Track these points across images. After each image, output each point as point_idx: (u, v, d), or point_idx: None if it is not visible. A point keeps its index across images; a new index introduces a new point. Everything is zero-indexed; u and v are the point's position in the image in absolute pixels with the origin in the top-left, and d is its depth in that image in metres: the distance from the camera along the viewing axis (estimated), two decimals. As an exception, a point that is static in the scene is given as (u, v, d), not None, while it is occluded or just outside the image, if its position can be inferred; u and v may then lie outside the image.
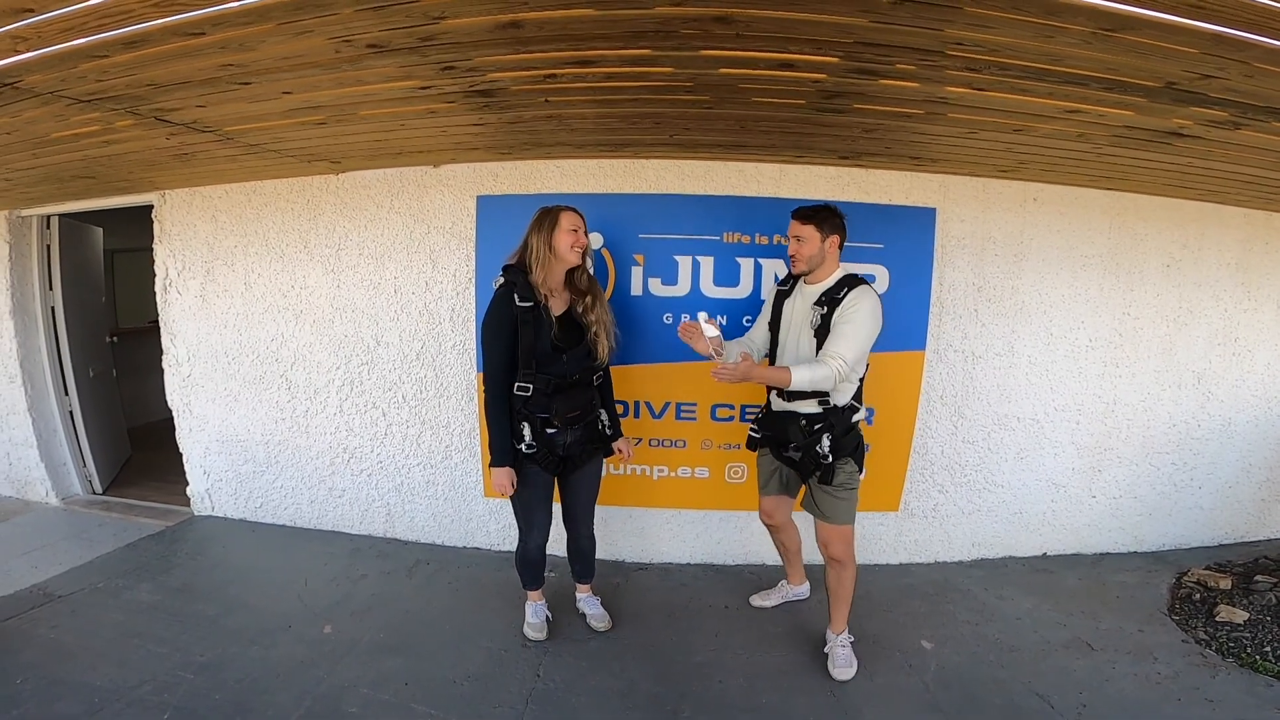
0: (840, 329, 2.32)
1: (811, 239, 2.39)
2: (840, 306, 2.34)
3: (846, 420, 2.44)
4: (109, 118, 2.18)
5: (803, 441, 2.47)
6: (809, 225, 2.39)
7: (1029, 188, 3.13)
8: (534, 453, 2.42)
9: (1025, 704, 2.36)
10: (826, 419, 2.43)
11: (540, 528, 2.59)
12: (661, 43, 1.71)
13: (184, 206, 3.52)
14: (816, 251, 2.40)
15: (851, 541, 2.52)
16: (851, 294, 2.35)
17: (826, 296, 2.39)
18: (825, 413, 2.43)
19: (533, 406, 2.40)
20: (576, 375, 2.44)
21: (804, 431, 2.47)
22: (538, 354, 2.35)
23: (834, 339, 2.32)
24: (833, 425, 2.42)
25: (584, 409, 2.50)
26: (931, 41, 1.60)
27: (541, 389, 2.38)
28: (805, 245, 2.41)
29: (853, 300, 2.34)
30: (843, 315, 2.33)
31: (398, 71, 1.87)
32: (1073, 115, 2.05)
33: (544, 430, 2.44)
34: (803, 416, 2.47)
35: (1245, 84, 1.70)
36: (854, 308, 2.33)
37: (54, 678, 2.37)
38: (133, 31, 1.52)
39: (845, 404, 2.44)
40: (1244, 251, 3.34)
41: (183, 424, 3.76)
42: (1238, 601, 2.97)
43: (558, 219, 2.35)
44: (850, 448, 2.46)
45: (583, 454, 2.56)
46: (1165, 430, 3.47)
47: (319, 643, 2.66)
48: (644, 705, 2.35)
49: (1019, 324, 3.25)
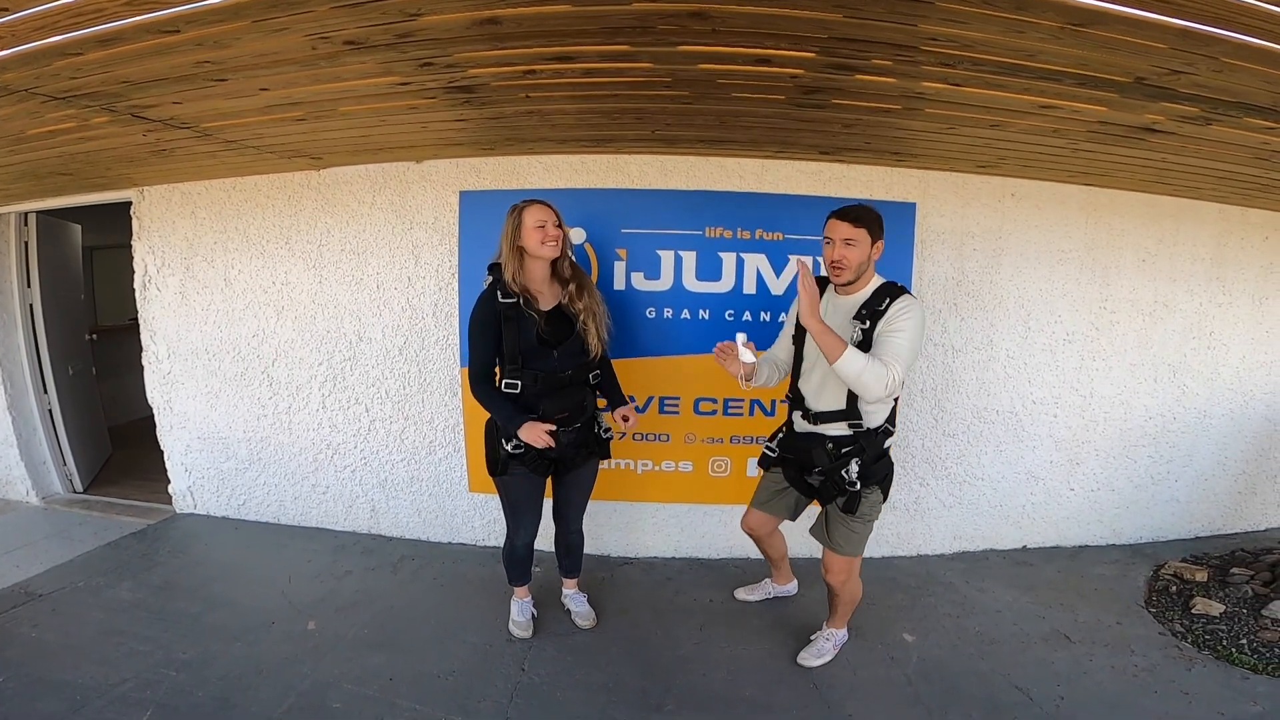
0: (890, 340, 2.07)
1: (863, 244, 2.15)
2: (885, 318, 2.10)
3: (879, 445, 2.25)
4: (84, 114, 2.15)
5: (828, 466, 2.27)
6: (861, 228, 2.13)
7: (1007, 183, 3.16)
8: (521, 454, 2.37)
9: (1005, 696, 2.38)
10: (856, 442, 2.23)
11: (527, 528, 2.56)
12: (639, 38, 1.72)
13: (163, 203, 3.49)
14: (865, 258, 2.17)
15: (854, 572, 2.41)
16: (897, 304, 2.11)
17: (868, 310, 2.15)
18: (855, 436, 2.24)
19: (521, 406, 2.35)
20: (569, 372, 2.38)
21: (830, 455, 2.26)
22: (523, 349, 2.31)
23: (884, 350, 2.07)
24: (863, 449, 2.23)
25: (575, 410, 2.41)
26: (906, 37, 1.61)
27: (530, 386, 2.33)
28: (856, 250, 2.14)
29: (902, 310, 2.10)
30: (890, 325, 2.09)
31: (376, 68, 1.87)
32: (1047, 110, 2.07)
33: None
34: (829, 439, 2.27)
35: (1215, 79, 1.72)
36: (904, 317, 2.09)
37: (36, 676, 2.35)
38: (106, 29, 1.51)
39: (879, 426, 2.25)
40: (1218, 246, 3.39)
41: (163, 421, 3.74)
42: (1214, 594, 3.00)
43: (521, 218, 2.29)
44: (879, 475, 2.27)
45: (577, 457, 2.50)
46: (1142, 423, 3.52)
47: (303, 639, 2.65)
48: (628, 699, 2.36)
49: (997, 318, 3.29)
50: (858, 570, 2.43)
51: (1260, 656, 2.56)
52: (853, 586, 2.47)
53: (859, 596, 2.54)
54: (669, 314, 3.15)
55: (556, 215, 2.34)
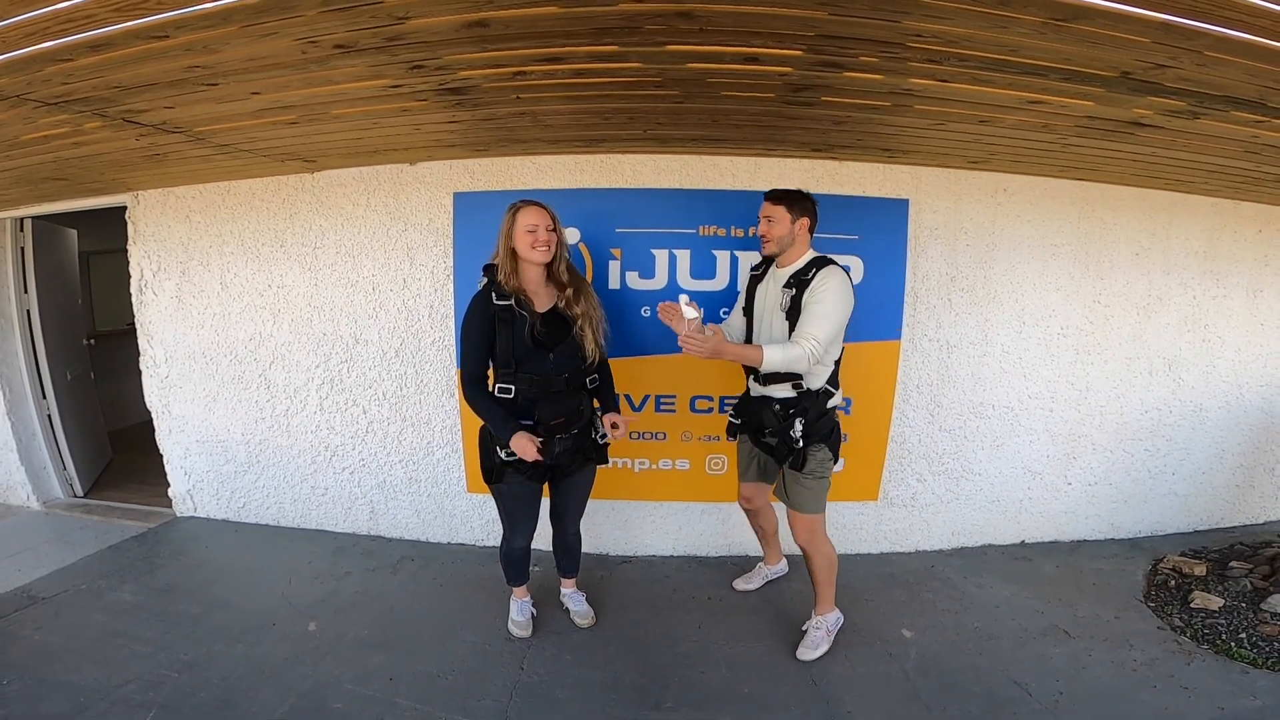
0: (811, 309, 2.32)
1: (781, 220, 2.41)
2: (810, 287, 2.34)
3: (821, 405, 2.45)
4: (77, 120, 2.17)
5: (777, 426, 2.46)
6: (779, 206, 2.42)
7: (999, 179, 3.17)
8: (516, 461, 2.31)
9: (1004, 692, 2.38)
10: (800, 403, 2.43)
11: (524, 532, 2.54)
12: (627, 38, 1.73)
13: (158, 207, 3.50)
14: (786, 232, 2.42)
15: (816, 529, 2.53)
16: (820, 274, 2.35)
17: (795, 278, 2.40)
18: (799, 397, 2.44)
19: (516, 412, 2.30)
20: (565, 376, 2.33)
21: (778, 416, 2.47)
22: (516, 353, 2.26)
23: (805, 319, 2.32)
24: (806, 409, 2.42)
25: (571, 415, 2.33)
26: (891, 34, 1.62)
27: (524, 391, 2.29)
28: (775, 226, 2.43)
29: (822, 280, 2.33)
30: (813, 295, 2.33)
31: (367, 71, 1.88)
32: (1035, 106, 2.08)
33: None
34: (776, 401, 2.48)
35: (1199, 73, 1.73)
36: (824, 287, 2.32)
37: (39, 678, 2.37)
38: (96, 35, 1.52)
39: (819, 388, 2.44)
40: (1211, 240, 3.39)
41: (162, 425, 3.75)
42: (1213, 588, 2.99)
43: (515, 220, 2.28)
44: (824, 433, 2.46)
45: (573, 464, 2.46)
46: (1138, 417, 3.52)
47: (303, 640, 2.66)
48: (627, 697, 2.37)
49: (992, 313, 3.29)
50: (821, 529, 2.55)
51: (1260, 651, 2.56)
52: (823, 546, 2.56)
53: (833, 560, 2.60)
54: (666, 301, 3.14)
55: (551, 219, 2.31)
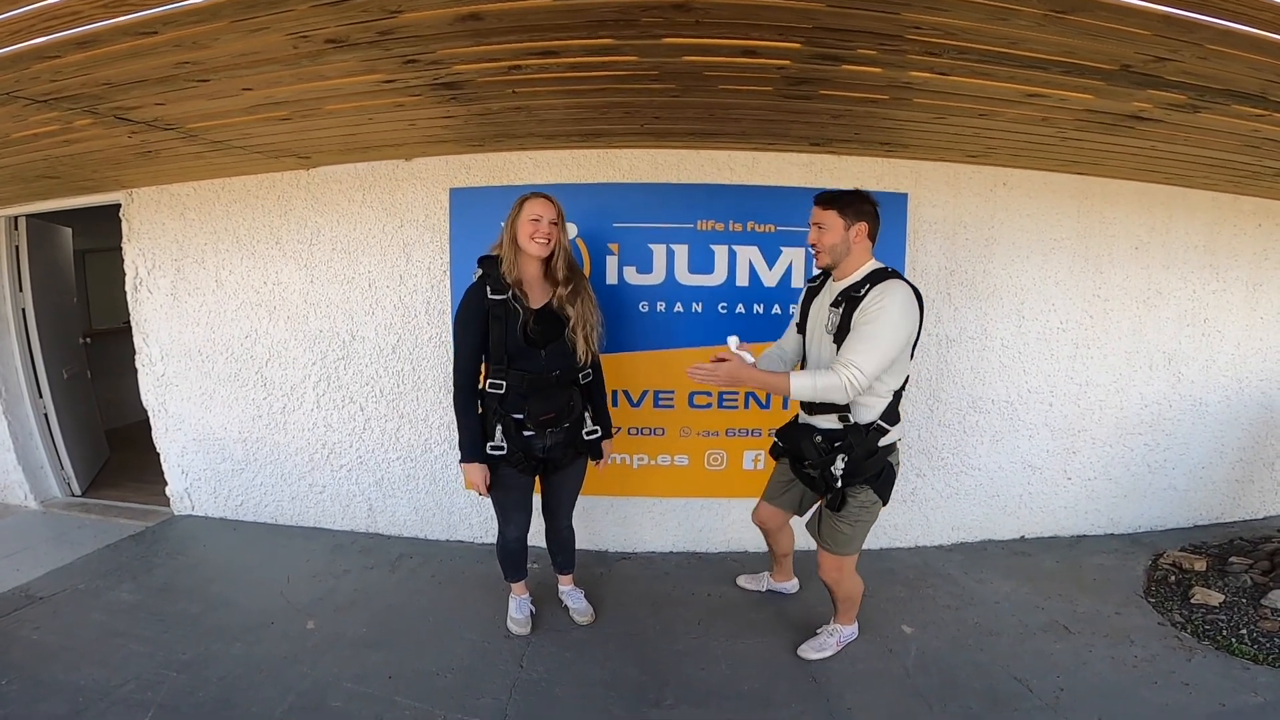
0: (859, 331, 2.03)
1: (834, 226, 2.13)
2: (860, 306, 2.05)
3: (870, 443, 2.17)
4: (67, 117, 2.15)
5: (817, 460, 2.24)
6: (830, 211, 2.14)
7: (999, 173, 3.16)
8: (505, 454, 2.33)
9: (1004, 688, 2.38)
10: (845, 437, 2.18)
11: (517, 524, 2.54)
12: (623, 31, 1.71)
13: (152, 205, 3.48)
14: (840, 241, 2.13)
15: (845, 569, 2.37)
16: (875, 290, 2.04)
17: (844, 295, 2.12)
18: (844, 430, 2.18)
19: (507, 406, 2.31)
20: (556, 373, 2.32)
21: (819, 449, 2.23)
22: (509, 348, 2.26)
23: (850, 343, 2.04)
24: (851, 446, 2.17)
25: (561, 411, 2.34)
26: (890, 26, 1.60)
27: (515, 387, 2.29)
28: (826, 234, 2.14)
29: (876, 298, 2.03)
30: (863, 315, 2.04)
31: (360, 66, 1.86)
32: (1035, 99, 2.07)
33: (519, 432, 2.34)
34: (819, 432, 2.24)
35: (1200, 66, 1.72)
36: (877, 306, 2.02)
37: (37, 678, 2.35)
38: (83, 32, 1.50)
39: (869, 422, 2.16)
40: (1211, 234, 3.38)
41: (159, 424, 3.73)
42: (1213, 583, 2.99)
43: (520, 207, 2.27)
44: (870, 473, 2.20)
45: (564, 457, 2.46)
46: (1138, 411, 3.52)
47: (302, 639, 2.66)
48: (627, 694, 2.36)
49: (991, 307, 3.28)
50: (851, 569, 2.40)
51: (1260, 647, 2.55)
52: (847, 585, 2.44)
53: (858, 594, 2.51)
54: (662, 308, 3.15)
55: (556, 212, 2.29)
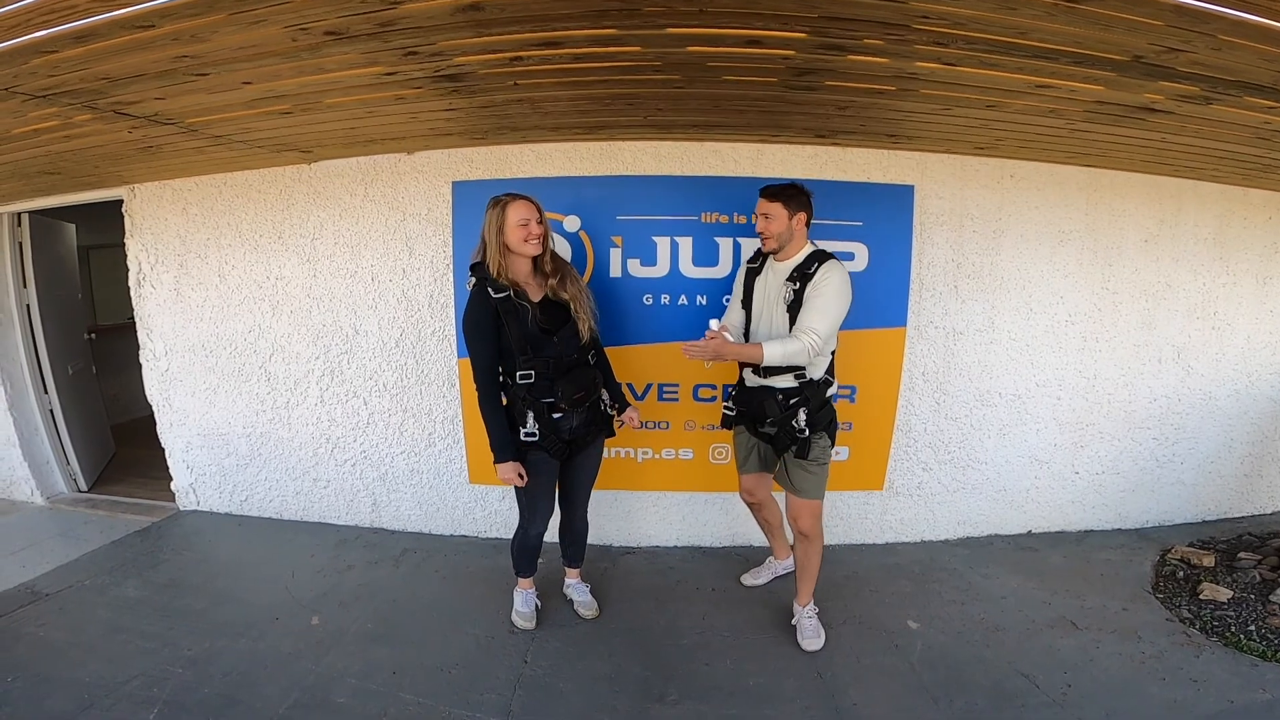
0: (812, 303, 2.36)
1: (779, 216, 2.42)
2: (812, 281, 2.38)
3: (822, 394, 2.50)
4: (67, 112, 2.13)
5: (779, 416, 2.50)
6: (776, 203, 2.43)
7: (1006, 165, 3.12)
8: (538, 440, 2.40)
9: (1011, 684, 2.37)
10: (802, 393, 2.47)
11: (544, 516, 2.59)
12: (626, 21, 1.68)
13: (154, 200, 3.47)
14: (784, 229, 2.43)
15: (820, 516, 2.58)
16: (822, 269, 2.39)
17: (798, 272, 2.43)
18: (801, 387, 2.47)
19: (537, 393, 2.38)
20: (575, 354, 2.43)
21: (780, 406, 2.50)
22: (529, 339, 2.32)
23: (806, 313, 2.36)
24: (808, 399, 2.46)
25: (589, 388, 2.47)
26: (897, 15, 1.57)
27: (543, 373, 2.36)
28: (773, 222, 2.43)
29: (824, 275, 2.38)
30: (815, 289, 2.37)
31: (360, 58, 1.84)
32: (1043, 90, 2.03)
33: (550, 415, 2.41)
34: (779, 391, 2.50)
35: (1213, 58, 1.68)
36: (825, 282, 2.36)
37: (44, 675, 2.37)
38: (80, 26, 1.48)
39: (820, 378, 2.49)
40: (1221, 226, 3.34)
41: (163, 419, 3.74)
42: (1221, 579, 2.96)
43: (505, 215, 2.29)
44: (825, 422, 2.51)
45: (586, 436, 2.54)
46: (1146, 405, 3.49)
47: (307, 634, 2.66)
48: (632, 689, 2.36)
49: (999, 299, 3.25)
50: (820, 514, 2.58)
51: (1269, 643, 2.53)
52: (818, 532, 2.60)
53: (819, 560, 2.64)
54: (666, 300, 3.13)
55: (539, 210, 2.34)
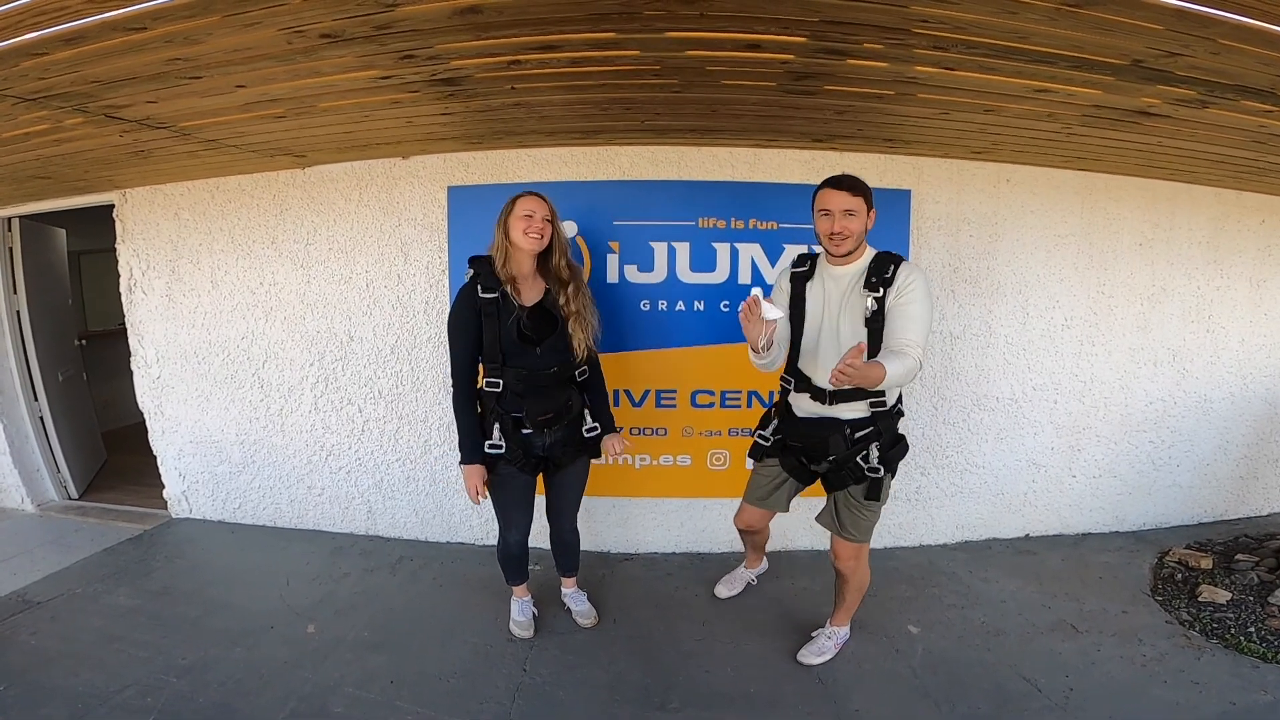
0: (905, 312, 2.00)
1: (862, 213, 2.07)
2: (895, 288, 2.01)
3: (894, 427, 2.18)
4: (57, 116, 2.11)
5: (845, 453, 2.14)
6: (859, 198, 2.06)
7: (1002, 169, 3.13)
8: (504, 453, 2.32)
9: (1012, 687, 2.36)
10: (875, 424, 2.13)
11: (518, 526, 2.51)
12: (625, 24, 1.68)
13: (146, 205, 3.45)
14: (863, 228, 2.09)
15: (864, 556, 2.35)
16: (903, 273, 2.03)
17: (878, 279, 2.04)
18: (874, 417, 2.13)
19: (505, 405, 2.31)
20: (553, 370, 2.32)
21: (847, 442, 2.13)
22: (504, 346, 2.26)
23: (902, 325, 1.99)
24: (880, 433, 2.14)
25: (559, 410, 2.35)
26: (897, 19, 1.58)
27: (512, 385, 2.28)
28: (857, 220, 2.06)
29: (908, 280, 2.02)
30: (902, 297, 2.00)
31: (356, 61, 1.83)
32: (1041, 95, 2.04)
33: (517, 430, 2.33)
34: (846, 424, 2.14)
35: (1212, 62, 1.69)
36: (912, 288, 2.01)
37: (36, 684, 2.33)
38: (71, 28, 1.47)
39: (893, 406, 2.15)
40: (1215, 230, 3.36)
41: (155, 426, 3.70)
42: (1219, 581, 2.97)
43: (512, 205, 2.28)
44: (899, 459, 2.19)
45: (565, 455, 2.44)
46: (1142, 408, 3.50)
47: (302, 643, 2.63)
48: (632, 697, 2.34)
49: (995, 304, 3.26)
50: (867, 556, 2.39)
51: (1269, 645, 2.53)
52: (863, 572, 2.41)
53: (867, 584, 2.47)
54: (663, 306, 3.12)
55: (549, 209, 2.30)
